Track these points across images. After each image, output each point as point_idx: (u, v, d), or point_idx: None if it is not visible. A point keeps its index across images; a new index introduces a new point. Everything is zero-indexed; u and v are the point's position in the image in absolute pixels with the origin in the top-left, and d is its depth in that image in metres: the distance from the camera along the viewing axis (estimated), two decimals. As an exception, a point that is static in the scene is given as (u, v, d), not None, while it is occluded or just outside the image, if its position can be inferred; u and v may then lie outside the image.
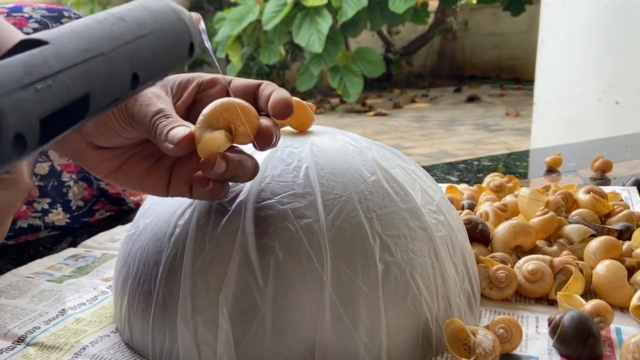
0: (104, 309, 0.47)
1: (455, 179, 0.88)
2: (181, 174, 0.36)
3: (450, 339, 0.37)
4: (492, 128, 4.04)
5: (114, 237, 0.66)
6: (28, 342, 0.41)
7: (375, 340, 0.35)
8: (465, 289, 0.42)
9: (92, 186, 0.74)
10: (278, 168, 0.39)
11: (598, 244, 0.49)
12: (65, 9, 0.70)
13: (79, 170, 0.73)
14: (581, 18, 1.92)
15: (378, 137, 3.80)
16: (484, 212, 0.57)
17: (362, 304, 0.35)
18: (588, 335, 0.37)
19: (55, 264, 0.58)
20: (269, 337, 0.34)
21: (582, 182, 0.83)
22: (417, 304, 0.37)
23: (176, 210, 0.39)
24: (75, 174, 0.72)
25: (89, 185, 0.74)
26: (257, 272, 0.35)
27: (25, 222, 0.67)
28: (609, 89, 1.88)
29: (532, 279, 0.46)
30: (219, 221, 0.37)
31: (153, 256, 0.39)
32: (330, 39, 4.82)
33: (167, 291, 0.37)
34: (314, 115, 0.45)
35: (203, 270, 0.36)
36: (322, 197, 0.37)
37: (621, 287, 0.44)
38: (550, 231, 0.54)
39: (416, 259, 0.38)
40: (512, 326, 0.38)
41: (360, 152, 0.42)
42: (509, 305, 0.46)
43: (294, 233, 0.36)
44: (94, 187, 0.74)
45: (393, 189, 0.40)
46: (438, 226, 0.41)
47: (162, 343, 0.37)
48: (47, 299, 0.49)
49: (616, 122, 1.86)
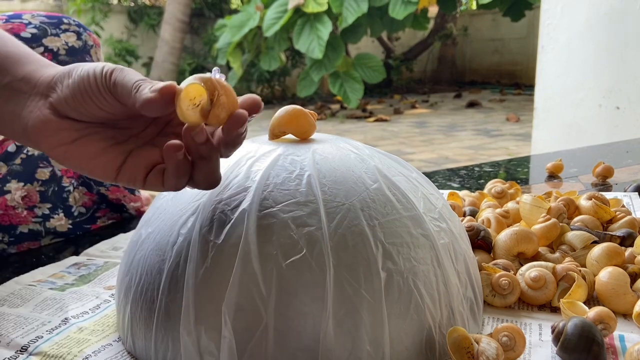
0: (107, 317, 0.47)
1: (456, 185, 0.88)
2: (141, 158, 0.35)
3: (453, 347, 0.37)
4: (493, 133, 4.05)
5: (116, 246, 0.66)
6: (31, 351, 0.41)
7: (378, 348, 0.35)
8: (468, 296, 0.42)
9: (92, 191, 0.74)
10: (280, 176, 0.39)
11: (600, 250, 0.49)
12: (65, 17, 0.70)
13: (79, 176, 0.73)
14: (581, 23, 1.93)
15: (379, 142, 3.81)
16: (486, 218, 0.57)
17: (365, 313, 0.35)
18: (592, 342, 0.37)
19: (58, 272, 0.58)
20: (272, 346, 0.34)
21: (584, 188, 0.83)
22: (420, 312, 0.37)
23: (179, 219, 0.39)
24: (74, 179, 0.72)
25: (89, 191, 0.74)
26: (259, 281, 0.35)
27: (25, 227, 0.67)
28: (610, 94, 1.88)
29: (534, 286, 0.46)
30: (222, 230, 0.37)
31: (156, 265, 0.39)
32: (331, 45, 4.84)
33: (170, 300, 0.37)
34: (315, 123, 0.45)
35: (206, 279, 0.36)
36: (325, 205, 0.37)
37: (624, 294, 0.44)
38: (552, 238, 0.54)
39: (419, 266, 0.38)
40: (516, 334, 0.38)
41: (362, 160, 0.42)
42: (512, 313, 0.46)
43: (296, 241, 0.36)
44: (94, 192, 0.75)
45: (395, 197, 0.40)
46: (440, 234, 0.41)
47: (164, 352, 0.37)
48: (49, 308, 0.48)
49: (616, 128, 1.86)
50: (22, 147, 0.64)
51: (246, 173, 0.40)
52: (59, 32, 0.65)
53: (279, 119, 0.44)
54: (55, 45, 0.64)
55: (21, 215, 0.67)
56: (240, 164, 0.41)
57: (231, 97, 0.33)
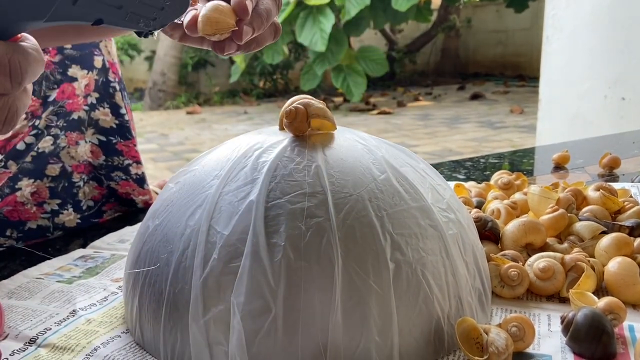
0: (115, 309, 0.47)
1: (462, 177, 0.88)
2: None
3: (462, 337, 0.37)
4: (497, 125, 4.03)
5: (122, 238, 0.66)
6: (39, 343, 0.42)
7: (387, 339, 0.35)
8: (476, 287, 0.41)
9: (102, 185, 0.74)
10: (288, 167, 0.39)
11: (609, 241, 0.49)
12: None
13: (90, 170, 0.73)
14: (586, 14, 1.91)
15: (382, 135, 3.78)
16: (496, 209, 0.57)
17: (373, 303, 0.35)
18: (601, 333, 0.37)
19: (65, 264, 0.58)
20: (281, 337, 0.34)
21: (590, 179, 0.83)
22: (429, 302, 0.37)
23: (186, 211, 0.39)
24: (85, 174, 0.72)
25: (99, 185, 0.74)
26: (268, 272, 0.35)
27: (34, 223, 0.68)
28: (615, 85, 1.87)
29: (543, 276, 0.46)
30: (230, 221, 0.37)
31: (163, 256, 0.39)
32: (334, 38, 4.82)
33: (178, 291, 0.37)
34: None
35: (214, 271, 0.36)
36: (333, 196, 0.37)
37: (633, 284, 0.44)
38: (560, 228, 0.53)
39: (427, 257, 0.38)
40: (525, 324, 0.38)
41: (369, 151, 0.42)
42: (521, 303, 0.46)
43: (304, 232, 0.36)
44: (104, 187, 0.75)
45: (403, 188, 0.40)
46: (449, 224, 0.41)
47: (173, 344, 0.37)
48: (57, 300, 0.49)
49: (622, 118, 1.85)
50: (32, 145, 0.63)
51: (253, 164, 0.39)
52: None
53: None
54: None
55: (30, 211, 0.67)
56: (248, 155, 0.41)
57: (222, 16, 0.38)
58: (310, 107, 0.42)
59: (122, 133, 0.74)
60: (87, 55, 0.67)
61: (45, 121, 0.64)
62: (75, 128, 0.69)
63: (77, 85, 0.66)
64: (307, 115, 0.42)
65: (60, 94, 0.64)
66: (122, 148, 0.74)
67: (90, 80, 0.68)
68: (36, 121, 0.62)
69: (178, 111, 5.79)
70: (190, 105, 5.97)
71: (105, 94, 0.71)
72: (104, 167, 0.74)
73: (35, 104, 0.61)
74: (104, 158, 0.73)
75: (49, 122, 0.64)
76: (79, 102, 0.68)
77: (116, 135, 0.73)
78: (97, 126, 0.72)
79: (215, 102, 6.29)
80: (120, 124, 0.73)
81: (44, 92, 0.62)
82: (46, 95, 0.62)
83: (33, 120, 0.61)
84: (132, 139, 0.75)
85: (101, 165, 0.73)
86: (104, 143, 0.73)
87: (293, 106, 0.42)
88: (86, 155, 0.71)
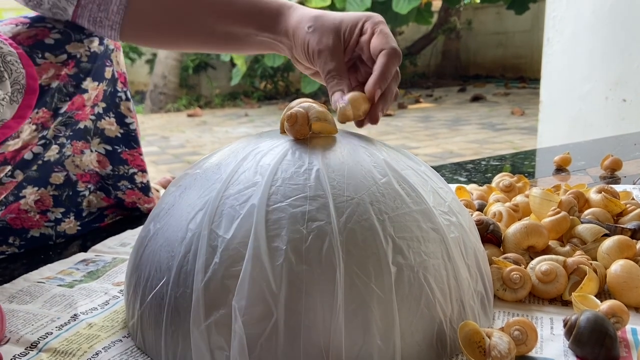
0: (116, 313, 0.47)
1: (463, 179, 0.88)
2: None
3: (464, 341, 0.37)
4: (498, 127, 4.03)
5: (124, 242, 0.66)
6: (41, 348, 0.41)
7: (389, 343, 0.35)
8: (478, 290, 0.41)
9: (110, 196, 0.74)
10: (289, 171, 0.39)
11: (611, 243, 0.48)
12: None
13: (97, 180, 0.72)
14: (587, 15, 1.91)
15: (383, 137, 3.79)
16: (498, 212, 0.57)
17: (375, 307, 0.35)
18: (604, 336, 0.37)
19: (66, 268, 0.58)
20: (283, 341, 0.34)
21: (592, 181, 0.83)
22: (431, 306, 0.37)
23: (187, 215, 0.39)
24: (92, 184, 0.72)
25: (107, 196, 0.74)
26: (269, 276, 0.35)
27: (37, 231, 0.67)
28: (616, 87, 1.86)
29: (545, 279, 0.45)
30: (231, 225, 0.37)
31: (165, 261, 0.39)
32: (334, 40, 4.81)
33: (180, 296, 0.37)
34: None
35: (215, 275, 0.36)
36: (334, 199, 0.37)
37: (636, 287, 0.44)
38: (562, 231, 0.53)
39: (429, 261, 0.37)
40: (528, 328, 0.38)
41: (370, 154, 0.42)
42: (523, 307, 0.45)
43: (306, 236, 0.35)
44: (112, 197, 0.74)
45: (404, 191, 0.40)
46: (450, 227, 0.40)
47: (175, 348, 0.37)
48: (58, 304, 0.48)
49: (623, 120, 1.85)
50: (39, 155, 0.63)
51: (255, 168, 0.39)
52: (82, 37, 0.63)
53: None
54: (78, 51, 0.62)
55: (33, 219, 0.67)
56: (249, 159, 0.40)
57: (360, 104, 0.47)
58: (311, 111, 0.42)
59: (127, 142, 0.73)
60: (99, 66, 0.67)
61: (54, 131, 0.63)
62: (81, 137, 0.69)
63: (87, 96, 0.65)
64: (308, 119, 0.42)
65: (71, 105, 0.63)
66: (127, 157, 0.74)
67: (99, 91, 0.68)
68: (45, 132, 0.62)
69: (179, 114, 5.80)
70: (191, 108, 5.98)
71: (111, 103, 0.71)
72: (111, 177, 0.73)
73: (46, 116, 0.61)
74: (111, 168, 0.73)
75: (57, 132, 0.64)
76: (86, 112, 0.68)
77: (121, 145, 0.73)
78: (103, 135, 0.72)
79: (216, 104, 6.29)
80: (125, 133, 0.73)
81: (56, 104, 0.61)
82: (58, 107, 0.62)
83: (43, 132, 0.61)
84: (138, 148, 0.75)
85: (108, 175, 0.73)
86: (110, 152, 0.73)
87: (294, 110, 0.42)
88: (92, 164, 0.71)
